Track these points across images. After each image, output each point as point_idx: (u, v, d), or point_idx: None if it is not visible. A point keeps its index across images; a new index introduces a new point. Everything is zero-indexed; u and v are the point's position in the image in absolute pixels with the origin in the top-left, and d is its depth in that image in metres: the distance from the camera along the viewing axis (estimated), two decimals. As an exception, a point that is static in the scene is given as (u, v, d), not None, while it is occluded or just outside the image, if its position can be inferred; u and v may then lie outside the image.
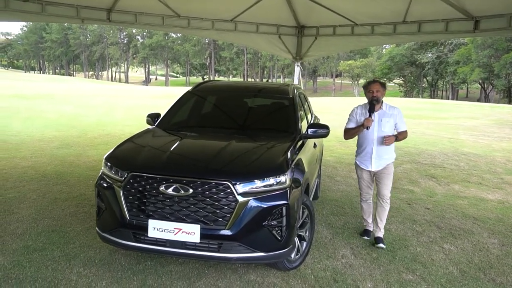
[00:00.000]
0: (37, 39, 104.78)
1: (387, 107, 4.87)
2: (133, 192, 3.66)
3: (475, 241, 5.20)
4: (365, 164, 4.97)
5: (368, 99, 4.83)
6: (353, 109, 5.06)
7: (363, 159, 4.98)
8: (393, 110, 4.87)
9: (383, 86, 4.87)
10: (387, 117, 4.82)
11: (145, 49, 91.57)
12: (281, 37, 10.58)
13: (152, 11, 9.10)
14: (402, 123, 4.90)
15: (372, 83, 4.88)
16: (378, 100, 4.77)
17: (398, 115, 4.86)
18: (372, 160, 4.88)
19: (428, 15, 8.22)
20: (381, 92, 4.79)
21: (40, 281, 3.70)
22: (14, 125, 13.76)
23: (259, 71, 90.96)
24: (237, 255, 3.57)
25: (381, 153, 4.86)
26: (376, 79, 5.20)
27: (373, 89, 4.77)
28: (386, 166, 4.90)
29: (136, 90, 44.55)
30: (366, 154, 4.91)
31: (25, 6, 7.65)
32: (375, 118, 4.80)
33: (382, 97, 4.82)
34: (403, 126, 4.91)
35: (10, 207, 5.61)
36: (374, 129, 4.80)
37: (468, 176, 8.82)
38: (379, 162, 4.88)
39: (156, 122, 5.05)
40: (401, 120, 4.88)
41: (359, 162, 5.05)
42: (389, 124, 4.81)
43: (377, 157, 4.86)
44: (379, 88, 4.78)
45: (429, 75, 68.59)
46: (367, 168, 4.96)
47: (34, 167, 7.91)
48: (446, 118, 23.14)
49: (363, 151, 4.94)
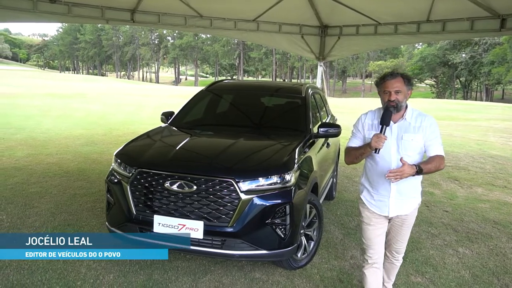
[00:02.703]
0: (72, 40, 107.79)
1: (414, 115, 3.07)
2: (139, 188, 3.74)
3: (492, 246, 5.05)
4: (378, 205, 3.17)
5: (382, 104, 3.06)
6: (359, 117, 3.30)
7: (374, 198, 3.18)
8: (422, 120, 3.03)
9: (408, 82, 3.02)
10: (411, 132, 3.01)
11: (175, 50, 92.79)
12: (304, 37, 10.57)
13: (175, 12, 9.25)
14: (436, 142, 3.02)
15: (390, 77, 3.00)
16: (398, 106, 2.98)
17: (430, 129, 3.01)
18: (390, 200, 3.12)
19: (453, 14, 8.04)
20: (404, 92, 2.99)
21: (51, 272, 3.83)
22: (44, 123, 14.23)
23: (288, 71, 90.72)
24: (240, 252, 3.60)
25: (406, 189, 3.10)
26: (396, 71, 3.07)
27: (390, 88, 2.96)
28: (413, 211, 3.21)
29: (165, 90, 45.21)
30: (379, 191, 3.15)
31: (52, 7, 7.92)
32: (393, 133, 3.03)
33: (405, 100, 3.03)
34: (437, 147, 3.01)
35: (31, 201, 5.81)
36: (391, 152, 3.02)
37: (493, 179, 8.56)
38: (402, 203, 3.13)
39: (169, 120, 5.14)
40: (434, 137, 3.02)
41: (367, 201, 3.23)
42: (415, 144, 3.01)
43: (398, 195, 3.10)
44: (400, 86, 2.97)
45: (462, 75, 66.82)
46: (381, 212, 3.17)
47: (58, 164, 8.16)
48: (477, 120, 22.51)
49: (374, 185, 3.17)
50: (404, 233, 3.29)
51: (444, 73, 69.27)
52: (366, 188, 3.25)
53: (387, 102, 2.99)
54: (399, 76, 3.01)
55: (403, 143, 3.01)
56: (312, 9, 9.55)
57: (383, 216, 3.20)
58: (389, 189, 3.11)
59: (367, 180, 3.25)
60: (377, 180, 3.14)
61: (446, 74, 68.91)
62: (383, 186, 3.11)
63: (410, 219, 3.25)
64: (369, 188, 3.23)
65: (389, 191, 3.11)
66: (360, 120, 3.27)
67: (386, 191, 3.12)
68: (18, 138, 10.80)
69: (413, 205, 3.19)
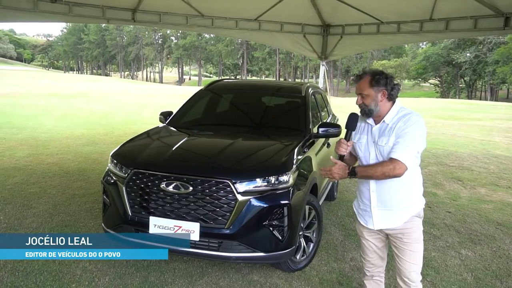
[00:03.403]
0: (76, 40, 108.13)
1: (397, 116, 2.73)
2: (135, 189, 3.69)
3: (496, 247, 4.97)
4: (363, 216, 2.95)
5: None
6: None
7: (360, 208, 2.96)
8: (402, 119, 2.69)
9: (376, 83, 2.68)
10: (386, 135, 2.71)
11: (178, 50, 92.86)
12: (306, 36, 10.50)
13: (176, 11, 9.21)
14: (401, 143, 2.62)
15: (356, 79, 2.79)
16: (367, 110, 2.74)
17: (402, 127, 2.65)
18: (372, 210, 2.84)
19: (456, 12, 7.95)
20: (371, 95, 2.69)
21: (46, 274, 3.78)
22: (47, 122, 14.23)
23: (292, 71, 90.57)
24: (237, 254, 3.54)
25: (389, 198, 2.76)
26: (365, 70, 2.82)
27: (356, 91, 2.78)
28: (405, 224, 2.78)
29: (168, 90, 45.20)
30: (363, 200, 2.90)
31: (53, 7, 7.88)
32: (373, 137, 2.79)
33: (373, 104, 2.71)
34: (398, 149, 2.62)
35: (29, 201, 5.77)
36: (370, 157, 2.79)
37: (497, 179, 8.45)
38: (387, 215, 2.80)
39: (167, 120, 5.08)
40: (402, 137, 2.63)
41: (356, 210, 3.05)
42: (388, 148, 2.68)
43: (381, 205, 2.80)
44: (364, 88, 2.71)
45: (467, 75, 66.41)
46: (366, 224, 2.92)
47: (58, 164, 8.13)
48: (481, 119, 22.34)
49: (360, 194, 2.94)
50: (407, 251, 2.81)
51: (448, 73, 68.90)
52: (357, 197, 3.02)
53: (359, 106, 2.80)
54: (367, 76, 2.72)
55: (378, 148, 2.74)
56: (314, 8, 9.47)
57: (369, 228, 2.90)
58: (369, 197, 2.83)
59: (357, 189, 3.02)
60: (360, 188, 2.92)
61: (450, 73, 68.56)
62: (364, 194, 2.87)
63: (409, 234, 2.79)
64: (358, 197, 3.00)
65: (369, 198, 2.83)
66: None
67: (367, 200, 2.85)
68: (19, 138, 10.79)
69: (403, 217, 2.76)
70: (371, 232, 2.94)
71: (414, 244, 2.82)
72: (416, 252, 2.84)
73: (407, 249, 2.81)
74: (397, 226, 2.78)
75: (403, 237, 2.80)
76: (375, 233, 2.93)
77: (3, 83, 35.96)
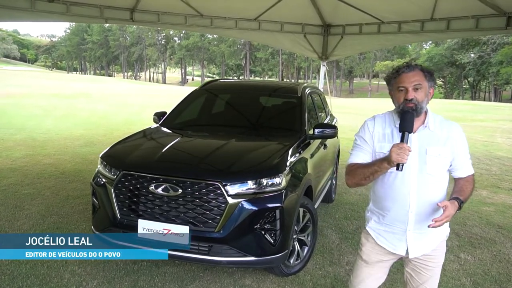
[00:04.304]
0: (79, 41, 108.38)
1: (437, 122, 2.34)
2: (124, 191, 3.60)
3: (496, 251, 4.85)
4: (387, 240, 2.44)
5: (397, 106, 2.30)
6: (364, 124, 2.49)
7: (385, 230, 2.45)
8: (449, 129, 2.33)
9: (430, 76, 2.28)
10: (438, 144, 2.30)
11: (181, 50, 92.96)
12: (306, 36, 10.41)
13: (175, 11, 9.15)
14: (468, 158, 2.42)
15: (406, 70, 2.25)
16: (418, 108, 2.23)
17: (460, 141, 2.35)
18: (407, 235, 2.36)
19: (457, 12, 7.86)
20: (425, 89, 2.26)
21: (33, 278, 3.70)
22: (46, 123, 14.17)
23: (295, 71, 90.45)
24: (228, 258, 3.44)
25: (428, 218, 2.25)
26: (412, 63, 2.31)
27: (406, 82, 2.23)
28: (436, 247, 2.43)
29: (171, 90, 45.16)
30: (394, 222, 2.39)
31: (50, 6, 7.85)
32: (413, 146, 2.26)
33: (426, 101, 2.28)
34: (469, 165, 2.43)
35: (22, 203, 5.70)
36: (411, 171, 2.28)
37: (499, 181, 8.33)
38: (423, 241, 2.37)
39: (161, 121, 5.00)
40: (464, 153, 2.38)
41: (374, 233, 2.50)
42: (442, 160, 2.31)
43: (418, 228, 2.34)
44: (420, 79, 2.24)
45: (470, 76, 66.10)
46: (394, 250, 2.43)
47: (54, 164, 8.06)
48: (484, 120, 22.19)
49: (386, 213, 2.41)
50: (429, 277, 2.43)
51: (452, 73, 68.65)
52: (375, 216, 2.49)
53: (403, 103, 2.23)
54: (418, 69, 2.26)
55: (428, 159, 2.26)
56: (314, 8, 9.38)
57: (395, 254, 2.44)
58: (405, 220, 2.33)
59: (376, 207, 2.49)
60: (389, 207, 2.37)
61: (454, 74, 68.28)
62: (397, 214, 2.35)
63: (438, 258, 2.43)
64: (379, 217, 2.46)
65: (406, 221, 2.33)
66: (367, 128, 2.43)
67: (401, 222, 2.35)
68: (17, 139, 10.72)
69: (439, 238, 2.40)
70: (387, 257, 2.48)
71: (438, 268, 2.47)
72: (437, 278, 2.49)
73: (430, 275, 2.44)
74: (432, 249, 2.40)
75: (429, 260, 2.42)
76: (392, 259, 2.50)
77: (6, 84, 35.99)
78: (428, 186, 2.30)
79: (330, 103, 9.43)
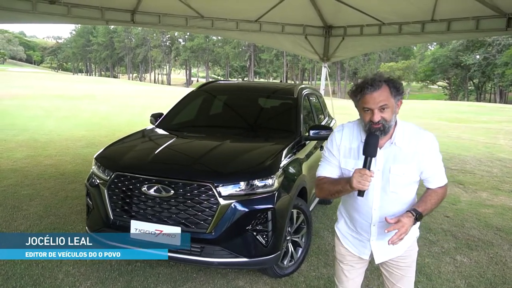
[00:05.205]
0: (85, 43, 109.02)
1: (406, 135, 2.23)
2: (117, 192, 3.62)
3: (493, 254, 4.82)
4: (354, 245, 2.47)
5: (363, 125, 2.22)
6: (332, 135, 2.40)
7: (351, 235, 2.47)
8: (418, 142, 2.22)
9: (396, 91, 2.16)
10: (403, 162, 2.22)
11: (186, 52, 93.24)
12: (307, 37, 10.39)
13: (175, 12, 9.16)
14: (439, 170, 2.28)
15: (371, 89, 2.11)
16: (386, 128, 2.15)
17: (429, 154, 2.23)
18: (371, 243, 2.38)
19: (458, 13, 7.84)
20: (392, 107, 2.15)
21: (27, 278, 3.72)
22: (48, 124, 14.25)
23: (299, 73, 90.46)
24: (219, 259, 3.44)
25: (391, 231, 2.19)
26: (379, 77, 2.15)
27: (372, 104, 2.12)
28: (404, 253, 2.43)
29: (175, 92, 45.28)
30: (359, 231, 2.41)
31: (51, 8, 7.87)
32: (378, 163, 2.22)
33: (394, 117, 2.19)
34: (440, 176, 2.29)
35: (21, 203, 5.73)
36: (374, 189, 2.24)
37: (500, 183, 8.28)
38: (388, 247, 2.29)
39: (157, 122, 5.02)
40: (435, 164, 2.26)
41: (342, 235, 2.53)
42: (407, 178, 2.24)
43: (382, 238, 2.32)
44: (386, 99, 2.12)
45: (476, 77, 65.79)
46: (359, 254, 2.47)
47: (55, 165, 8.10)
48: (487, 122, 22.07)
49: (354, 222, 2.43)
50: (404, 276, 2.46)
51: (456, 75, 68.32)
52: (344, 219, 2.51)
53: (369, 124, 2.14)
54: (384, 85, 2.12)
55: (391, 178, 2.21)
56: (315, 9, 9.38)
57: (362, 259, 2.48)
58: (369, 231, 2.34)
59: (344, 210, 2.49)
60: (355, 217, 2.39)
61: (459, 75, 67.96)
62: (362, 225, 2.37)
63: (408, 258, 2.44)
64: (346, 220, 2.48)
65: (369, 232, 2.35)
66: (334, 141, 2.34)
67: (365, 232, 2.37)
68: (19, 140, 10.79)
69: (406, 243, 2.36)
70: (358, 258, 2.50)
71: (411, 268, 2.49)
72: (411, 277, 2.51)
73: (403, 275, 2.47)
74: (399, 254, 2.40)
75: (400, 261, 2.43)
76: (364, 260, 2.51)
77: (11, 85, 36.21)
78: (391, 203, 2.28)
79: (332, 105, 9.44)
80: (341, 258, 2.56)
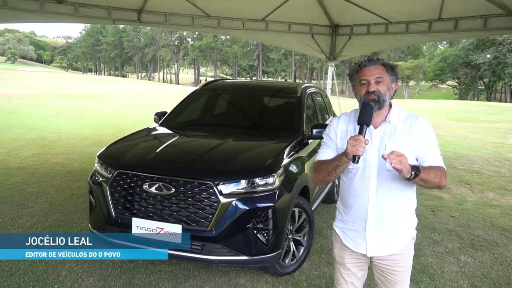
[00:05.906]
0: (94, 42, 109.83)
1: (401, 117, 2.31)
2: (119, 190, 3.65)
3: (497, 254, 4.78)
4: (351, 238, 2.41)
5: (359, 99, 2.28)
6: (330, 122, 2.56)
7: (348, 228, 2.42)
8: (412, 122, 2.28)
9: (392, 71, 2.30)
10: (398, 139, 2.25)
11: (194, 51, 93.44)
12: (314, 36, 10.38)
13: (182, 12, 9.20)
14: (434, 151, 2.26)
15: (368, 63, 2.26)
16: (380, 100, 2.22)
17: (423, 133, 2.25)
18: (367, 233, 2.33)
19: (465, 11, 7.79)
20: (387, 83, 2.26)
21: (30, 274, 3.76)
22: (57, 123, 14.40)
23: (308, 72, 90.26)
24: (220, 257, 3.45)
25: (389, 216, 2.30)
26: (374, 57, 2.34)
27: (368, 75, 2.24)
28: (401, 250, 2.36)
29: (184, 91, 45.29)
30: (355, 219, 2.36)
31: (59, 8, 7.93)
32: (374, 141, 2.26)
33: (388, 94, 2.27)
34: (436, 157, 2.25)
35: (27, 201, 5.79)
36: (371, 166, 2.26)
37: (507, 183, 8.20)
38: (382, 238, 2.33)
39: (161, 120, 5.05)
40: (430, 145, 2.26)
41: (340, 231, 2.48)
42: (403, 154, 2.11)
43: (378, 227, 2.31)
44: (381, 72, 2.25)
45: (486, 76, 65.07)
46: (356, 249, 2.39)
47: (62, 164, 8.18)
48: (497, 122, 21.85)
49: (349, 210, 2.39)
50: (398, 282, 2.39)
51: (466, 74, 67.59)
52: (341, 214, 2.46)
53: (365, 95, 2.22)
54: (380, 63, 2.28)
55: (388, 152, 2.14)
56: (322, 8, 9.36)
57: (360, 254, 2.39)
58: (365, 217, 2.30)
59: (342, 204, 2.47)
60: (349, 203, 2.37)
61: (469, 75, 67.24)
62: (357, 211, 2.33)
63: (401, 262, 2.37)
64: (343, 214, 2.44)
65: (365, 219, 2.30)
66: (332, 126, 2.43)
67: (361, 219, 2.32)
68: (28, 138, 10.91)
69: (402, 240, 2.34)
70: (357, 258, 2.43)
71: (406, 273, 2.42)
72: (406, 282, 2.44)
73: (397, 280, 2.40)
74: (394, 252, 2.34)
75: (395, 265, 2.37)
76: (362, 260, 2.44)
77: (21, 84, 36.64)
78: (388, 183, 2.26)
79: (339, 104, 9.42)
80: (339, 260, 2.52)
